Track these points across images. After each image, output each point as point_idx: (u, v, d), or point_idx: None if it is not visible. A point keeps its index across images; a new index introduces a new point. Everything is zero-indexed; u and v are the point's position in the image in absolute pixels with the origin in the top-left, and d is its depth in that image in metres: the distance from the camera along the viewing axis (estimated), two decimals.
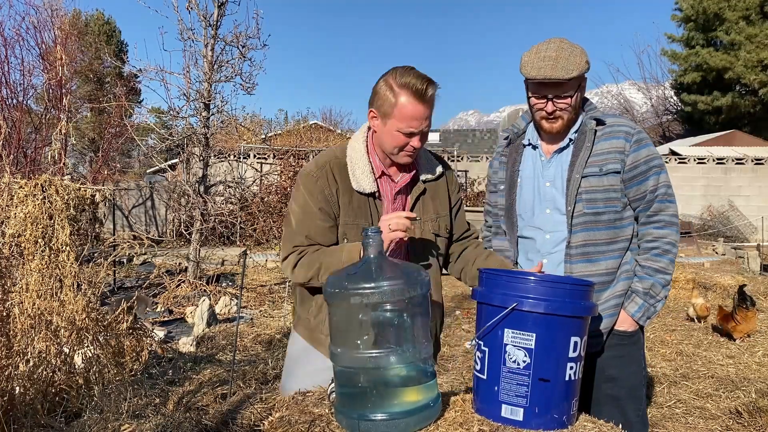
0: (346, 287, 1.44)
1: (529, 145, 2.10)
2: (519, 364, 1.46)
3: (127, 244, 4.71)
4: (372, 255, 1.51)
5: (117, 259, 6.81)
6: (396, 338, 1.43)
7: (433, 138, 32.62)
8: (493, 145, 27.98)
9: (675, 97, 29.40)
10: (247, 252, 9.96)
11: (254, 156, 16.29)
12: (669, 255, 1.96)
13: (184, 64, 8.28)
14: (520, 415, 1.46)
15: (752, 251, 11.16)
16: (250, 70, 8.21)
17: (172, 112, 8.29)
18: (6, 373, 2.92)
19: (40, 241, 3.42)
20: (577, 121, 2.03)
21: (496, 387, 1.49)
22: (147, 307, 6.61)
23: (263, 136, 21.88)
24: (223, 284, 8.17)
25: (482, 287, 1.59)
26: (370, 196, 1.86)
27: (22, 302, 3.27)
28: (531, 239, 2.04)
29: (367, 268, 1.48)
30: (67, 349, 3.41)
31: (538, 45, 1.94)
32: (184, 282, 7.73)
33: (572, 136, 2.02)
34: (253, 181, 13.56)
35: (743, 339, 5.52)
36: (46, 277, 3.40)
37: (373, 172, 1.86)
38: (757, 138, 20.87)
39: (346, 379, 1.47)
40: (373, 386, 1.42)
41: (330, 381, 1.63)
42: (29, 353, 3.14)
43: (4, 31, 10.44)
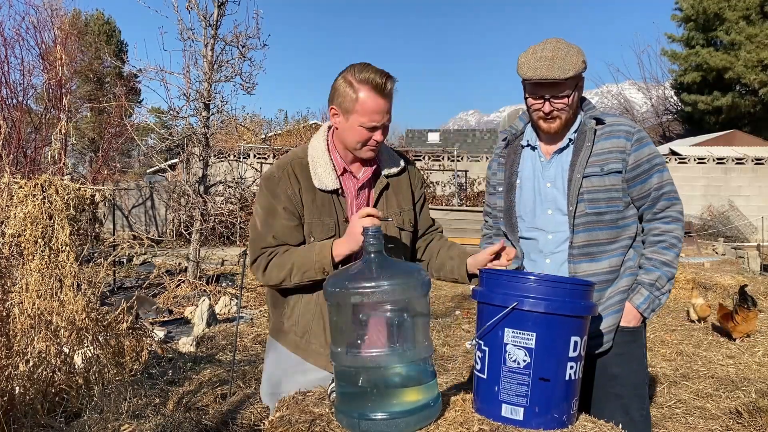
0: (346, 287, 1.44)
1: (528, 146, 2.09)
2: (519, 364, 1.46)
3: (127, 244, 4.71)
4: (372, 254, 1.51)
5: (117, 259, 6.81)
6: (396, 338, 1.43)
7: (433, 138, 32.56)
8: (493, 145, 27.94)
9: (675, 97, 29.41)
10: (247, 252, 9.93)
11: (254, 156, 16.30)
12: (675, 249, 1.97)
13: (184, 64, 8.28)
14: (520, 415, 1.46)
15: (752, 251, 11.17)
16: (250, 70, 8.24)
17: (172, 112, 8.30)
18: (6, 373, 2.92)
19: (40, 241, 3.42)
20: (576, 121, 2.02)
21: (497, 386, 1.49)
22: (150, 307, 6.61)
23: (263, 136, 21.89)
24: (223, 284, 8.17)
25: (483, 287, 1.59)
26: (333, 193, 1.87)
27: (22, 302, 3.27)
28: (533, 240, 2.04)
29: (368, 267, 1.49)
30: (67, 349, 3.41)
31: (535, 46, 1.93)
32: (184, 282, 7.74)
33: (572, 136, 2.01)
34: (253, 181, 13.54)
35: (743, 339, 5.52)
36: (46, 277, 3.40)
37: (335, 170, 1.88)
38: (757, 138, 20.88)
39: (347, 379, 1.47)
40: (374, 386, 1.42)
41: (330, 381, 1.63)
42: (29, 353, 3.14)
43: (4, 31, 10.46)
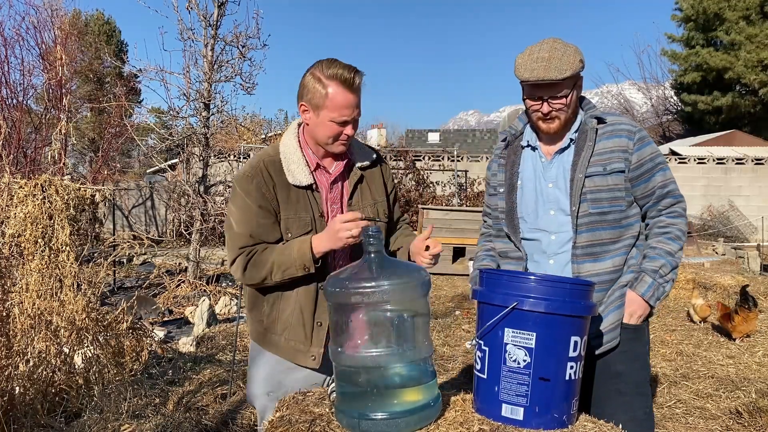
0: (346, 286, 1.44)
1: (528, 146, 2.08)
2: (519, 364, 1.46)
3: (127, 244, 4.72)
4: (372, 254, 1.51)
5: (117, 259, 6.82)
6: (396, 338, 1.43)
7: (433, 138, 32.51)
8: (492, 145, 27.93)
9: (675, 97, 29.40)
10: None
11: None
12: (679, 241, 1.98)
13: (184, 64, 8.31)
14: (520, 415, 1.46)
15: (752, 251, 11.16)
16: (250, 70, 8.26)
17: (172, 112, 8.31)
18: (6, 373, 2.92)
19: (40, 241, 3.42)
20: (576, 121, 2.01)
21: (497, 386, 1.49)
22: (151, 307, 6.60)
23: (263, 136, 21.86)
24: (223, 284, 8.17)
25: (483, 287, 1.59)
26: (308, 189, 1.89)
27: (22, 302, 3.27)
28: (536, 241, 2.03)
29: (368, 267, 1.49)
30: (67, 349, 3.41)
31: (531, 46, 1.92)
32: (184, 282, 7.74)
33: (573, 135, 2.00)
34: None
35: (742, 339, 5.52)
36: (46, 277, 3.40)
37: (308, 165, 1.89)
38: (757, 138, 20.87)
39: (347, 379, 1.47)
40: (374, 385, 1.42)
41: (330, 380, 1.63)
42: (29, 353, 3.14)
43: (4, 31, 10.47)
